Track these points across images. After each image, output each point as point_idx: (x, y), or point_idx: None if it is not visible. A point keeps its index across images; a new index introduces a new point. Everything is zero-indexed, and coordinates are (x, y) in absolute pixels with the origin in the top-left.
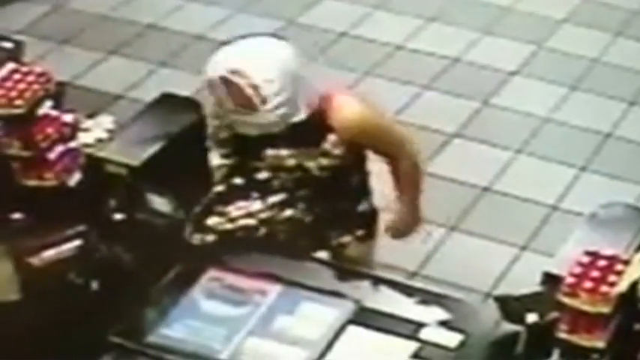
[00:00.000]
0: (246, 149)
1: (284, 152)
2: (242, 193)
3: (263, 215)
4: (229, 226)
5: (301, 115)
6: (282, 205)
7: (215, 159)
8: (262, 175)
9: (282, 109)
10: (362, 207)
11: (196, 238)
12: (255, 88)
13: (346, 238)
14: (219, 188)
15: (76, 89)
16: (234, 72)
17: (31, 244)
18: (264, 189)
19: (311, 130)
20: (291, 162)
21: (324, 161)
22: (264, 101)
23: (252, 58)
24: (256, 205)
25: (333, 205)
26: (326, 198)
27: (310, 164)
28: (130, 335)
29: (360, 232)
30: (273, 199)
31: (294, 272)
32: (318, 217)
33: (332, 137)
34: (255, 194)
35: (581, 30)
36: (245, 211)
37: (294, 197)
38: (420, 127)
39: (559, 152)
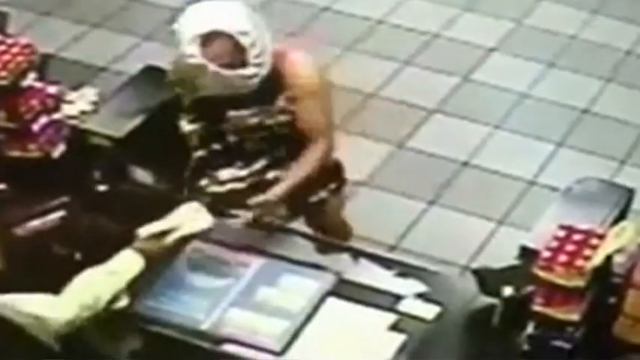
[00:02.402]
0: (208, 114)
1: (245, 112)
2: (223, 158)
3: (250, 179)
4: (219, 188)
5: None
6: (265, 168)
7: (184, 125)
8: (232, 138)
9: (258, 62)
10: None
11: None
12: (236, 43)
13: (323, 193)
14: (200, 153)
15: (60, 61)
16: (214, 32)
17: (15, 215)
18: (242, 153)
19: (267, 88)
20: (253, 121)
21: (282, 118)
22: (244, 55)
23: (223, 15)
24: (242, 170)
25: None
26: (292, 155)
27: (270, 122)
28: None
29: (332, 185)
30: (258, 164)
31: (275, 245)
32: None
33: (286, 93)
34: (237, 160)
35: (559, 7)
36: (233, 176)
37: (274, 158)
38: (400, 102)
39: (536, 128)
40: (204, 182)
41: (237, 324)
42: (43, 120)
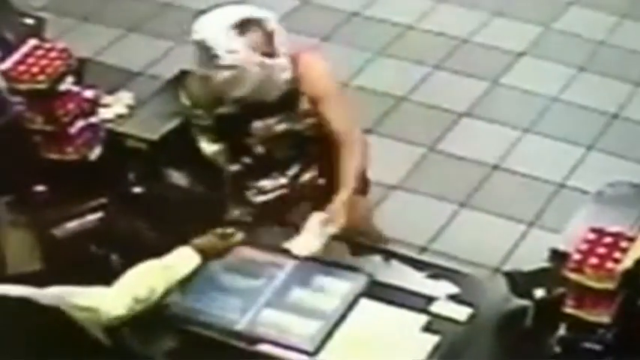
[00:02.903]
0: (231, 129)
1: (271, 120)
2: (257, 170)
3: (290, 186)
4: (264, 197)
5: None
6: (301, 172)
7: (206, 147)
8: (259, 149)
9: (284, 51)
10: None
11: (235, 213)
12: (264, 31)
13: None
14: (235, 168)
15: (96, 66)
16: (245, 20)
17: (53, 216)
18: (273, 162)
19: (286, 93)
20: (280, 128)
21: (309, 120)
22: (272, 44)
23: (243, 7)
24: (280, 178)
25: (329, 161)
26: (323, 155)
27: (298, 127)
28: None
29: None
30: (292, 170)
31: None
32: (324, 174)
33: (306, 97)
34: (271, 170)
35: (588, 12)
36: (274, 185)
37: (305, 161)
38: (430, 106)
39: (566, 131)
40: (249, 194)
41: (270, 324)
42: (80, 123)
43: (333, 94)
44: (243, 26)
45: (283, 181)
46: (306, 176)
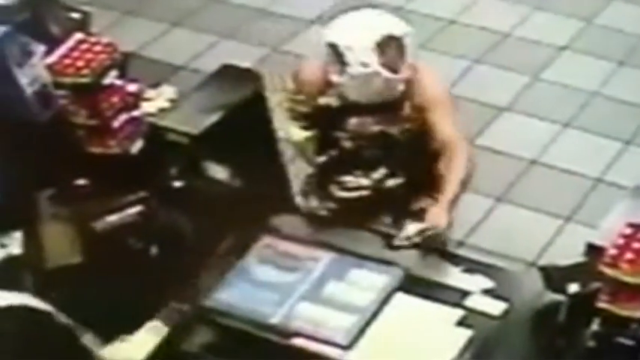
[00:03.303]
0: (325, 121)
1: (369, 120)
2: (341, 165)
3: (372, 188)
4: (347, 194)
5: None
6: (386, 177)
7: (296, 134)
8: (348, 144)
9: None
10: (437, 170)
11: (313, 204)
12: (399, 46)
13: (426, 201)
14: (322, 159)
15: (140, 60)
16: (389, 37)
17: (94, 210)
18: (359, 161)
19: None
20: (375, 129)
21: (407, 126)
22: (402, 58)
23: (388, 19)
24: (364, 179)
25: (416, 170)
26: (411, 163)
27: (393, 130)
28: (186, 299)
29: (435, 195)
30: (377, 173)
31: (344, 240)
32: (408, 183)
33: (410, 103)
34: (355, 168)
35: (630, 7)
36: (357, 183)
37: (391, 166)
38: (471, 100)
39: (605, 126)
40: (331, 187)
41: (305, 318)
42: (123, 117)
43: (443, 103)
44: (382, 43)
45: (367, 182)
46: (391, 182)
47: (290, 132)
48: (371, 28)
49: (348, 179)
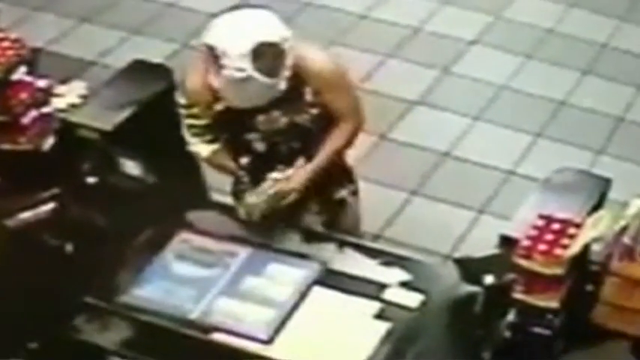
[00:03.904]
0: (230, 127)
1: (275, 114)
2: (263, 166)
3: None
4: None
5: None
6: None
7: (203, 149)
8: (260, 146)
9: (290, 64)
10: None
11: (242, 213)
12: (277, 50)
13: (343, 192)
14: (244, 163)
15: (49, 55)
16: (265, 43)
17: (6, 207)
18: (279, 157)
19: (288, 89)
20: (284, 121)
21: (313, 111)
22: (282, 60)
23: (266, 24)
24: (289, 170)
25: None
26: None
27: (300, 118)
28: (103, 295)
29: (352, 187)
30: (299, 162)
31: (262, 234)
32: (327, 175)
33: (309, 88)
34: (277, 164)
35: (536, 2)
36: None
37: (310, 154)
38: (382, 94)
39: (515, 119)
40: (251, 198)
41: (225, 313)
42: (33, 113)
43: (336, 82)
44: (258, 50)
45: (289, 172)
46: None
47: (197, 149)
48: (247, 33)
49: (275, 175)
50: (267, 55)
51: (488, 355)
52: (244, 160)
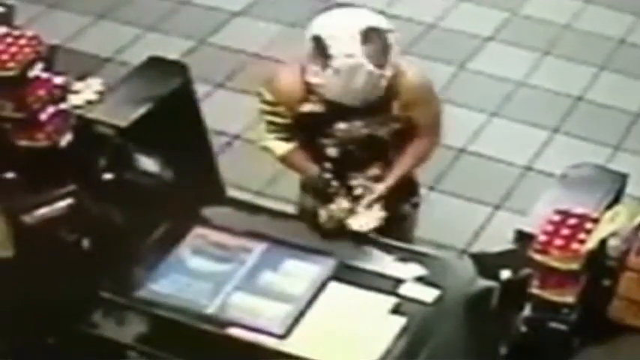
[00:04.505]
0: (311, 128)
1: (357, 124)
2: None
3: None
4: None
5: None
6: (380, 176)
7: (276, 147)
8: (332, 152)
9: (393, 63)
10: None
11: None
12: (383, 43)
13: (407, 207)
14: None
15: (66, 52)
16: (373, 28)
17: (24, 203)
18: (352, 163)
19: (377, 99)
20: (364, 132)
21: (396, 126)
22: (386, 56)
23: (371, 15)
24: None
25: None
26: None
27: (381, 132)
28: (119, 291)
29: (414, 200)
30: (372, 172)
31: (278, 230)
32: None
33: (397, 102)
34: (349, 171)
35: None
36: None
37: (383, 167)
38: None
39: (532, 115)
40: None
41: (240, 308)
42: (50, 110)
43: (427, 98)
44: (367, 35)
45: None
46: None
47: (271, 146)
48: (355, 19)
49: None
50: (375, 42)
51: (504, 350)
52: (327, 165)
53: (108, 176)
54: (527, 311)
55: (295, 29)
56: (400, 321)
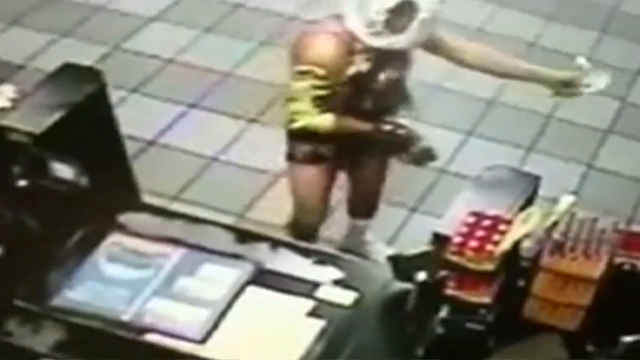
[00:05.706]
0: (353, 90)
1: (391, 71)
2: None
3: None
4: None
5: None
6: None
7: (326, 121)
8: (368, 105)
9: None
10: None
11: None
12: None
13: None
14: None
15: None
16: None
17: None
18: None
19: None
20: (394, 77)
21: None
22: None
23: None
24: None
25: None
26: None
27: (405, 74)
28: (34, 299)
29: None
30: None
31: (194, 235)
32: None
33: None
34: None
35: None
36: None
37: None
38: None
39: (447, 118)
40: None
41: (158, 314)
42: None
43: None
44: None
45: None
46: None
47: (318, 121)
48: None
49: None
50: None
51: (421, 352)
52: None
53: (22, 183)
54: (444, 312)
55: (210, 34)
56: (318, 324)
